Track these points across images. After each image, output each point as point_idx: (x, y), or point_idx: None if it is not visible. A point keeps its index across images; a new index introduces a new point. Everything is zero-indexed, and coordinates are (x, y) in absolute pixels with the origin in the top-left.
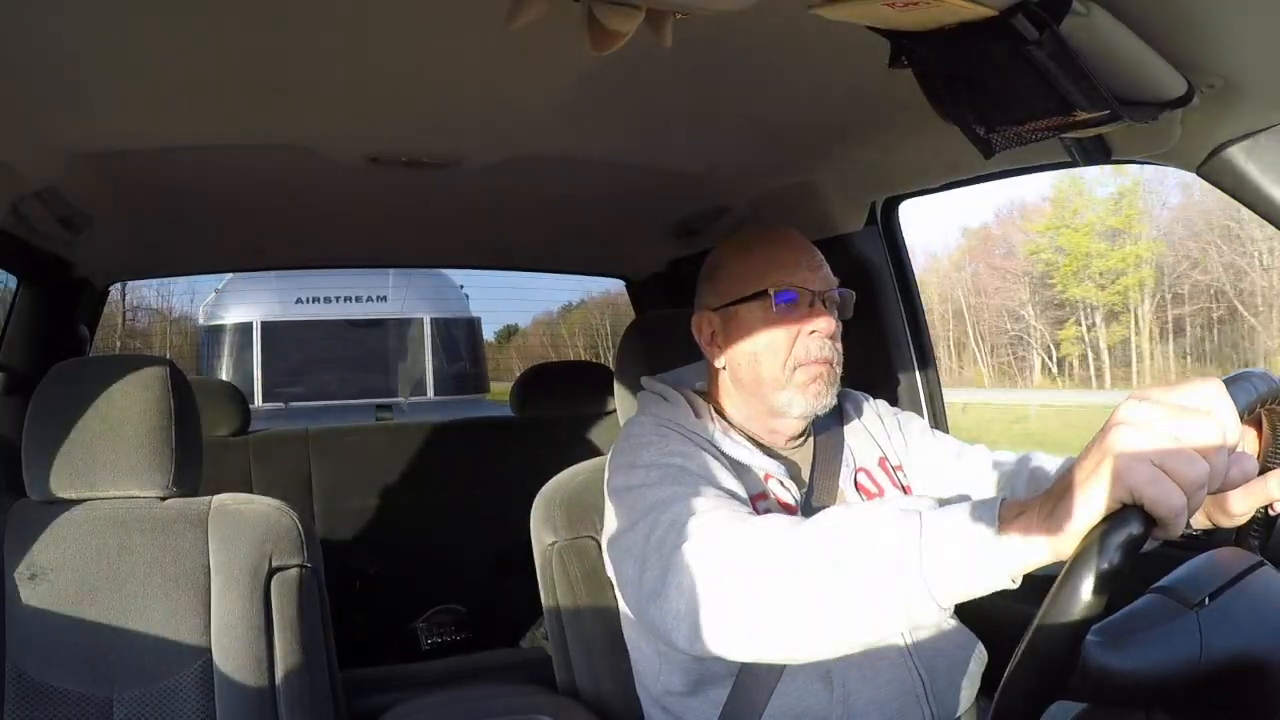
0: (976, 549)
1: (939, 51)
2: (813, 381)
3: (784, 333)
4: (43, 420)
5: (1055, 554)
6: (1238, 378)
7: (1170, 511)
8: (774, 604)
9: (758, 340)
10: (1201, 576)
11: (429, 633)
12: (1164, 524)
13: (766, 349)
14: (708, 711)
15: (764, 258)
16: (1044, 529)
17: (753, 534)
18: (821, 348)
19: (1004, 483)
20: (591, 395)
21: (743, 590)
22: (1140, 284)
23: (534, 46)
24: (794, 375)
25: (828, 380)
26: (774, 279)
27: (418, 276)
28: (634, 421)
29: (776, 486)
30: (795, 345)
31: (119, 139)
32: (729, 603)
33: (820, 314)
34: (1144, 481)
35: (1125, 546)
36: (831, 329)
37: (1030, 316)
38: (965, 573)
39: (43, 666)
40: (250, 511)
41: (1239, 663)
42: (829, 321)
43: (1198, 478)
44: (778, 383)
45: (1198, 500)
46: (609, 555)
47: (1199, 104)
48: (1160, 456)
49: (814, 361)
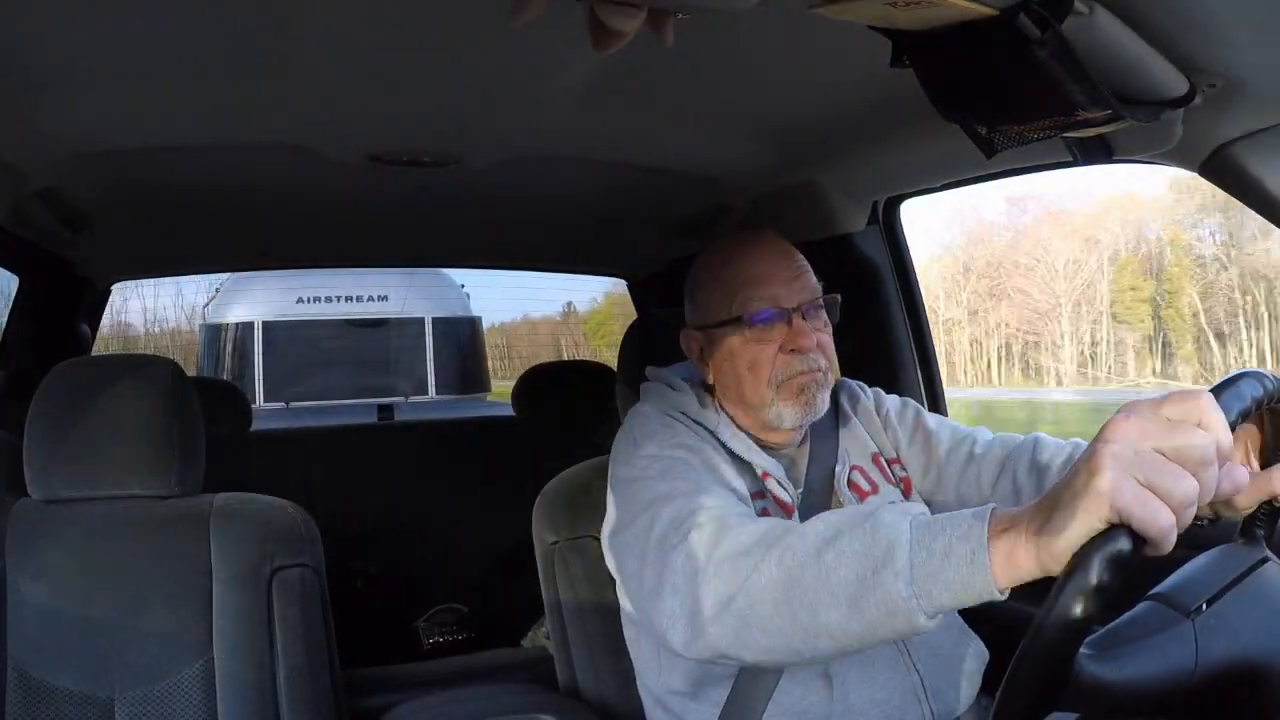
0: (964, 564)
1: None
2: (800, 393)
3: (763, 352)
4: (44, 420)
5: (1044, 570)
6: (1227, 384)
7: (1158, 532)
8: (764, 612)
9: (739, 362)
10: (1199, 581)
11: (430, 632)
12: (1153, 543)
13: (749, 370)
14: (709, 711)
15: (737, 276)
16: (1032, 546)
17: (746, 539)
18: (803, 363)
19: (1005, 469)
20: (593, 395)
21: (735, 596)
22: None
23: (535, 46)
24: (779, 391)
25: (816, 388)
26: (747, 299)
27: (419, 276)
28: (638, 410)
29: (774, 485)
30: (777, 364)
31: (120, 139)
32: (721, 607)
33: (800, 330)
34: (1131, 501)
35: (1113, 566)
36: (813, 343)
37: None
38: (953, 586)
39: (45, 666)
40: (252, 511)
41: (1236, 670)
42: (810, 338)
43: (1186, 496)
44: (764, 401)
45: (1187, 517)
46: (610, 548)
47: (1201, 103)
48: (1148, 474)
49: (799, 374)
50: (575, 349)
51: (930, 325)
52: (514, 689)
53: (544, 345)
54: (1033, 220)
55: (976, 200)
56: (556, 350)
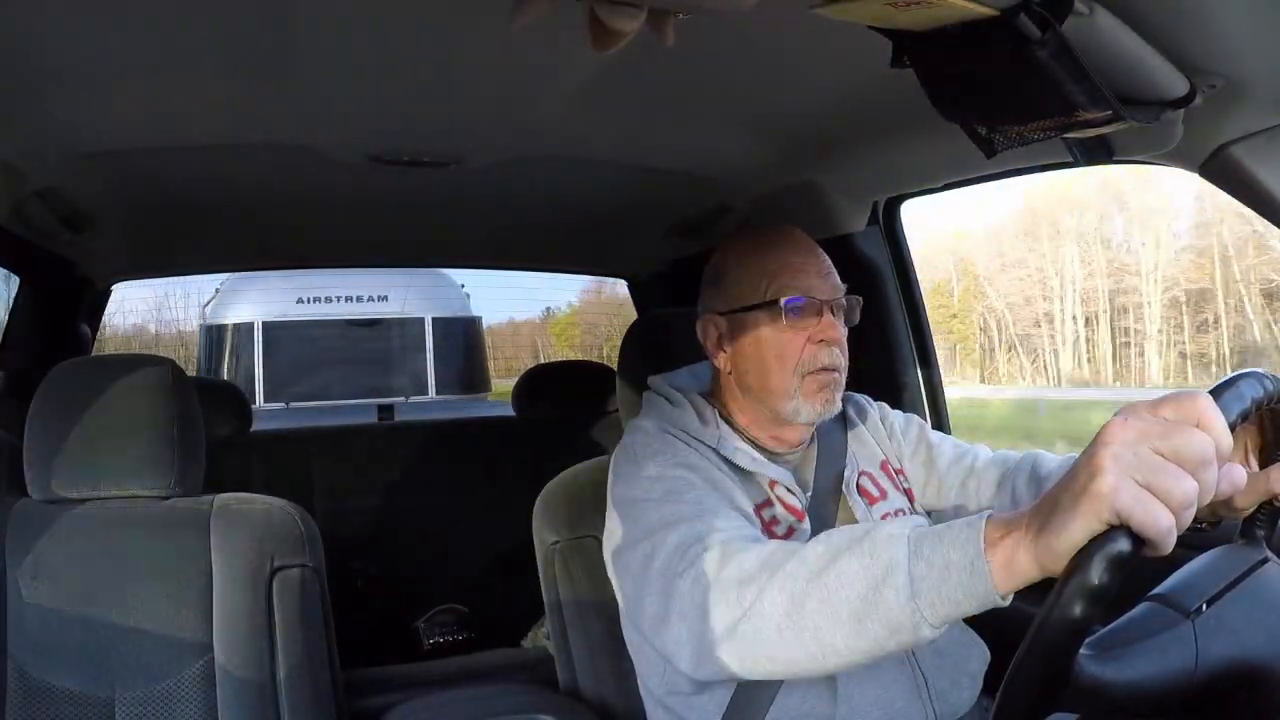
0: (964, 573)
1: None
2: (820, 390)
3: (793, 341)
4: (45, 419)
5: (1044, 572)
6: (1227, 385)
7: (1158, 533)
8: (770, 636)
9: (766, 348)
10: (1199, 581)
11: (430, 633)
12: (1152, 544)
13: (775, 357)
14: (711, 712)
15: (772, 263)
16: (1031, 549)
17: (750, 565)
18: (831, 356)
19: (1004, 483)
20: (593, 395)
21: (740, 621)
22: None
23: (535, 46)
24: (802, 383)
25: (835, 388)
26: (782, 286)
27: (419, 276)
28: (638, 426)
29: (782, 492)
30: (804, 354)
31: (120, 139)
32: (727, 632)
33: (829, 322)
34: (1130, 503)
35: (1113, 568)
36: (839, 336)
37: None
38: (955, 596)
39: (45, 666)
40: (252, 511)
41: (1236, 670)
42: (839, 330)
43: (1185, 497)
44: (786, 391)
45: (1186, 518)
46: (611, 566)
47: (1201, 104)
48: (1146, 476)
49: (822, 369)
50: (549, 351)
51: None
52: (514, 689)
53: (524, 347)
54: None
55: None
56: (534, 352)
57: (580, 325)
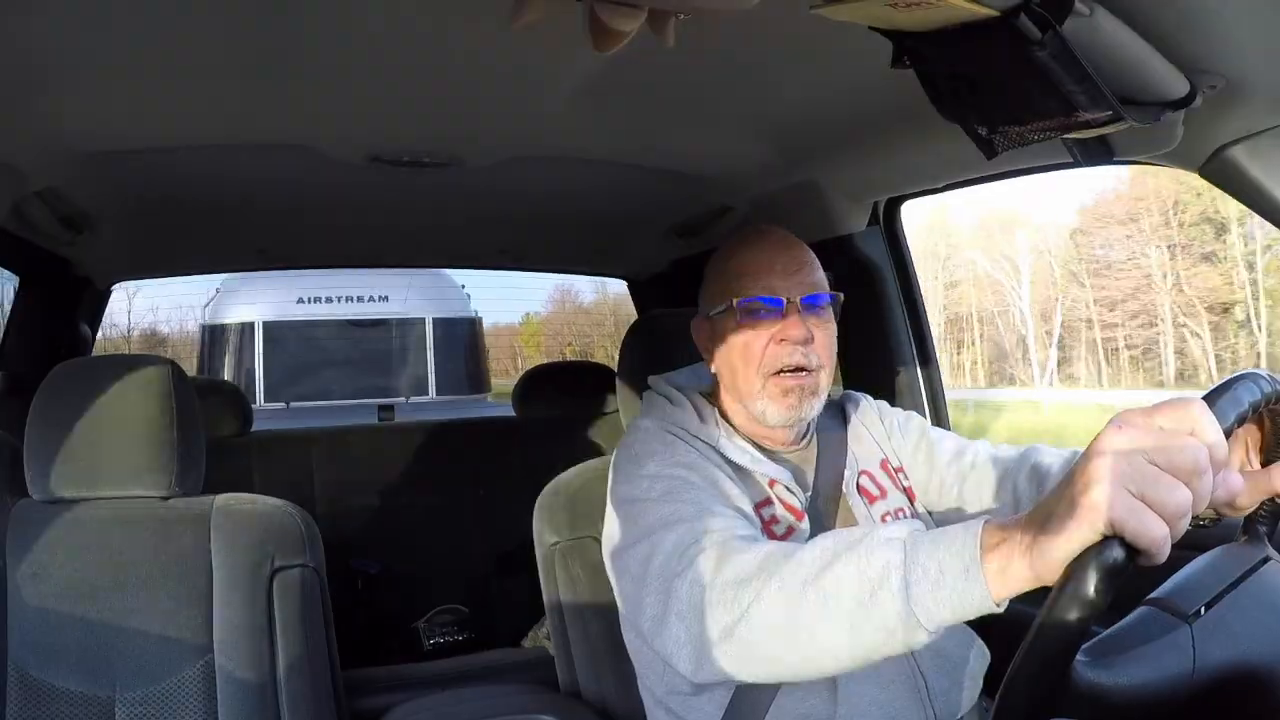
0: (959, 579)
1: (941, 52)
2: (786, 394)
3: (752, 342)
4: (45, 420)
5: (1039, 581)
6: (1223, 389)
7: (1152, 543)
8: (766, 638)
9: (733, 350)
10: (1199, 583)
11: (430, 633)
12: (1146, 554)
13: (740, 358)
14: (711, 712)
15: (735, 264)
16: (1026, 558)
17: (748, 567)
18: (792, 355)
19: (1005, 480)
20: (593, 395)
21: (737, 624)
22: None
23: (535, 47)
24: (766, 385)
25: (805, 391)
26: (742, 287)
27: (419, 276)
28: (638, 425)
29: (782, 491)
30: (766, 354)
31: (120, 139)
32: (725, 634)
33: (792, 321)
34: (1124, 513)
35: (1108, 578)
36: (802, 335)
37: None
38: (949, 602)
39: (45, 666)
40: (252, 511)
41: (1234, 674)
42: (801, 328)
43: (1179, 506)
44: (752, 392)
45: (1180, 528)
46: (610, 564)
47: (1201, 105)
48: (1140, 486)
49: (785, 370)
50: (523, 354)
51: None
52: (514, 689)
53: (504, 350)
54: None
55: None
56: (513, 354)
57: (544, 333)
